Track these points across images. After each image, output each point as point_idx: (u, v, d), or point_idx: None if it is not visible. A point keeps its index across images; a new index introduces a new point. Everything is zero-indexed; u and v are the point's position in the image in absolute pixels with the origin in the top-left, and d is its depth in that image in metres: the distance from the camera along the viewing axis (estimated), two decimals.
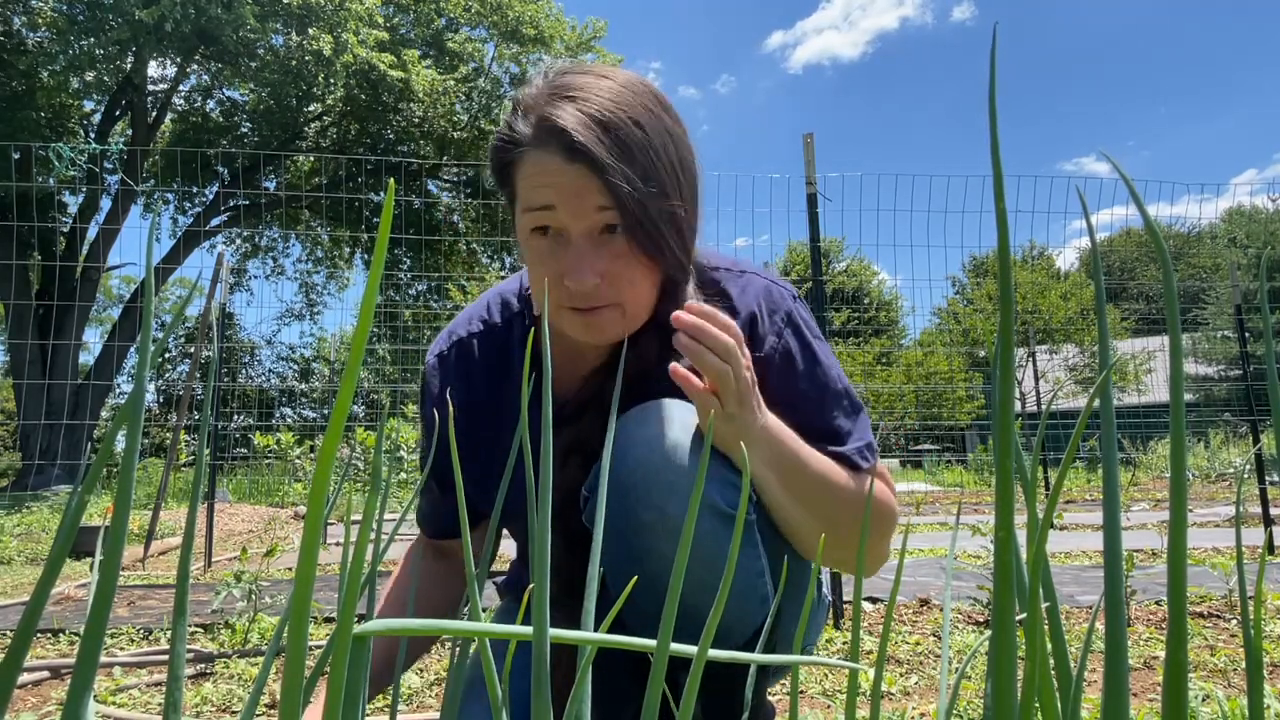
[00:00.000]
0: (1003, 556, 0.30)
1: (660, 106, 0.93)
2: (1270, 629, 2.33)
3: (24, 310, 12.99)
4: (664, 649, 0.34)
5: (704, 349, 0.83)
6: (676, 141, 0.93)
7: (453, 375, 1.09)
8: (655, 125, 0.90)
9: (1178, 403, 0.32)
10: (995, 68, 0.30)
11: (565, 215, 0.88)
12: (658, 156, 0.89)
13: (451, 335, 1.12)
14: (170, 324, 0.39)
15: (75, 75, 12.24)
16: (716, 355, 0.83)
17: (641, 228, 0.87)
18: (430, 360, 1.12)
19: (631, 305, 0.93)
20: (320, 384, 21.93)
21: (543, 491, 0.39)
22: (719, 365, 0.83)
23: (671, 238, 0.90)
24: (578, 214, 0.88)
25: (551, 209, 0.88)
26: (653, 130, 0.89)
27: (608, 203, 0.86)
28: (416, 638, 1.10)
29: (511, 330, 1.09)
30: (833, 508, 0.95)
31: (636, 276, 0.91)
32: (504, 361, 1.08)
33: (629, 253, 0.89)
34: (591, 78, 0.91)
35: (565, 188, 0.87)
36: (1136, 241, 28.76)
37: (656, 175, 0.88)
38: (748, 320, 0.99)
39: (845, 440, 0.98)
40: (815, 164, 3.07)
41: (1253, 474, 5.10)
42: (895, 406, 16.94)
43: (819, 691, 1.81)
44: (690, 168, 0.95)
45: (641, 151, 0.87)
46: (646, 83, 0.95)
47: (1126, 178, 0.34)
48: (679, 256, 0.92)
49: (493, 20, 15.87)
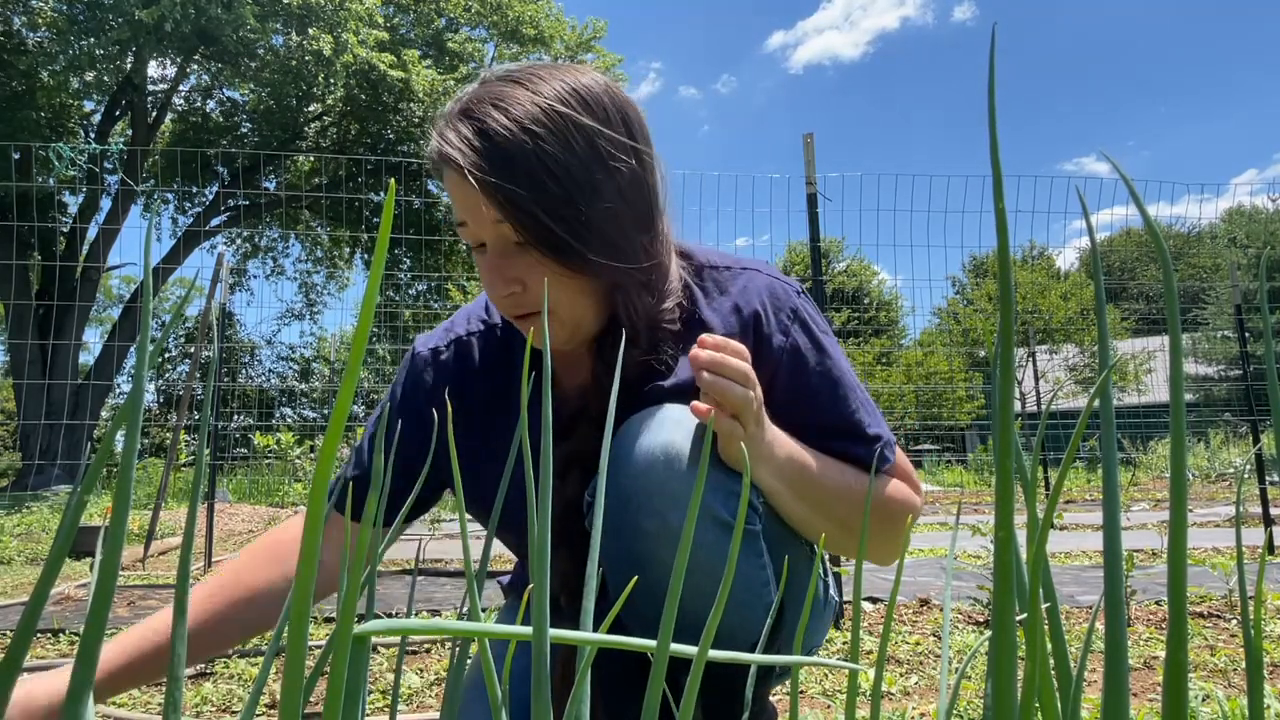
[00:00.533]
0: (1003, 556, 0.30)
1: (579, 104, 0.89)
2: (1270, 629, 2.33)
3: (24, 310, 12.98)
4: (664, 650, 0.34)
5: (727, 383, 0.82)
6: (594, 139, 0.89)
7: (449, 375, 1.07)
8: (559, 127, 0.87)
9: (1178, 403, 0.32)
10: (994, 68, 0.30)
11: (474, 228, 0.90)
12: (555, 162, 0.86)
13: (450, 331, 1.10)
14: (170, 324, 0.39)
15: (75, 75, 12.24)
16: (737, 384, 0.83)
17: (540, 239, 0.87)
18: (422, 351, 1.09)
19: (563, 312, 0.93)
20: (320, 384, 21.92)
21: (542, 492, 0.39)
22: (742, 394, 0.83)
23: (583, 243, 0.87)
24: (480, 228, 0.90)
25: (465, 224, 0.91)
26: (554, 134, 0.87)
27: (501, 216, 0.87)
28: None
29: (514, 333, 1.07)
30: (848, 510, 0.94)
31: (555, 284, 0.90)
32: (506, 365, 1.06)
33: (542, 262, 0.89)
34: (502, 85, 0.90)
35: (464, 203, 0.89)
36: (1136, 241, 28.76)
37: (554, 182, 0.86)
38: (751, 318, 0.98)
39: (866, 432, 0.98)
40: (815, 164, 3.07)
41: (1253, 474, 5.10)
42: (895, 406, 16.93)
43: (819, 691, 1.81)
44: (621, 163, 0.91)
45: (529, 162, 0.85)
46: (574, 81, 0.91)
47: (1126, 178, 0.34)
48: (599, 261, 0.89)
49: (493, 20, 15.87)
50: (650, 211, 0.95)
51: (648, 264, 0.93)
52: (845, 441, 0.98)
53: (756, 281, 1.01)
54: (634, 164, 0.92)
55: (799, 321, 0.99)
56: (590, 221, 0.88)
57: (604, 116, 0.91)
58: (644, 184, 0.94)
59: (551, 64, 0.96)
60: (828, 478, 0.93)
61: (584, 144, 0.88)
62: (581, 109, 0.89)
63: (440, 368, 1.08)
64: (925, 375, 16.68)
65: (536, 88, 0.89)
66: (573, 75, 0.93)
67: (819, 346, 0.99)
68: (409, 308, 11.92)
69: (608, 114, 0.91)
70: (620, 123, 0.92)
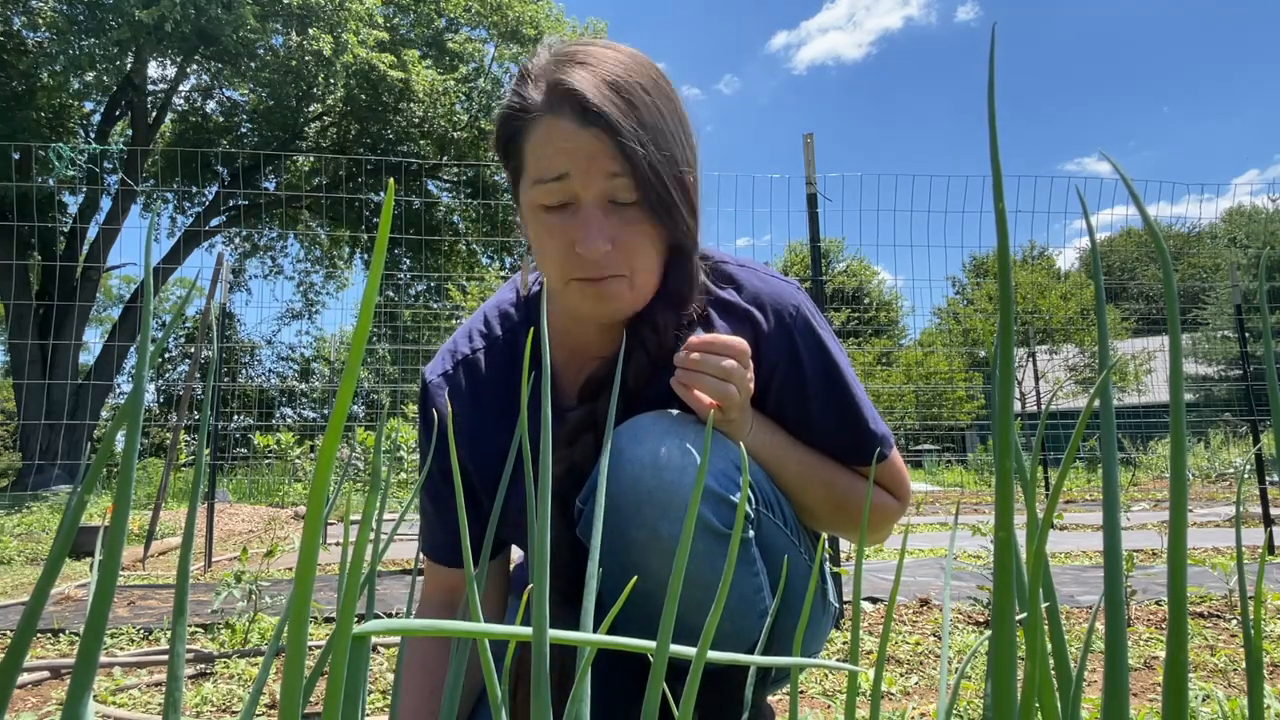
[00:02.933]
0: (1003, 557, 0.30)
1: (662, 77, 0.94)
2: (1270, 629, 2.33)
3: (24, 310, 12.98)
4: (664, 650, 0.34)
5: (700, 376, 0.87)
6: (679, 111, 0.93)
7: (464, 398, 1.05)
8: (661, 92, 0.91)
9: (1178, 403, 0.32)
10: (994, 68, 0.30)
11: (577, 182, 0.87)
12: (666, 122, 0.89)
13: (455, 354, 1.07)
14: (170, 324, 0.39)
15: (75, 75, 12.22)
16: (715, 378, 0.87)
17: (655, 192, 0.87)
18: (433, 379, 1.07)
19: (640, 275, 0.92)
20: (320, 384, 21.92)
21: (542, 494, 0.39)
22: (719, 387, 0.87)
23: (682, 204, 0.90)
24: (590, 179, 0.87)
25: (563, 178, 0.87)
26: (660, 97, 0.90)
27: (620, 169, 0.86)
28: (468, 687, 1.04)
29: (516, 343, 1.06)
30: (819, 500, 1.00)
31: (645, 245, 0.91)
32: (513, 375, 1.05)
33: (639, 220, 0.89)
34: (598, 48, 0.92)
35: (578, 152, 0.86)
36: (1137, 241, 28.75)
37: (666, 141, 0.88)
38: (755, 314, 0.99)
39: (865, 427, 1.01)
40: (815, 164, 3.07)
41: (1253, 474, 5.10)
42: (895, 406, 16.92)
43: (819, 691, 1.81)
44: (692, 137, 0.95)
45: (652, 116, 0.88)
46: (646, 56, 0.95)
47: (1126, 178, 0.34)
48: (688, 222, 0.92)
49: (493, 20, 15.87)
50: (699, 188, 0.98)
51: (697, 228, 0.97)
52: (843, 435, 1.00)
53: (757, 278, 1.03)
54: (695, 142, 0.96)
55: (800, 318, 1.00)
56: (683, 181, 0.91)
57: (675, 90, 0.95)
58: (698, 161, 0.97)
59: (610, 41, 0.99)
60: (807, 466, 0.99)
61: (676, 113, 0.92)
62: (666, 81, 0.94)
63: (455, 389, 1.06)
64: (925, 375, 16.67)
65: (624, 58, 0.91)
66: (638, 51, 0.96)
67: (820, 344, 1.00)
68: (409, 308, 11.93)
69: (675, 90, 0.96)
70: (680, 102, 0.96)
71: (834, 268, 28.14)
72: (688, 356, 0.89)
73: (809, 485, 0.98)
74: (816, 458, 1.00)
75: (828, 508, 1.00)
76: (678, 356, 0.89)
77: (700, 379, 0.88)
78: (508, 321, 1.08)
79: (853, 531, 1.04)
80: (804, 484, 0.98)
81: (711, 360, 0.88)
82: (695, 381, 0.88)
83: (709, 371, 0.88)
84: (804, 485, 0.98)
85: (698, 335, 0.90)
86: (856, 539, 1.08)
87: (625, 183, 0.86)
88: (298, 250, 18.76)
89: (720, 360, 0.88)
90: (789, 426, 0.99)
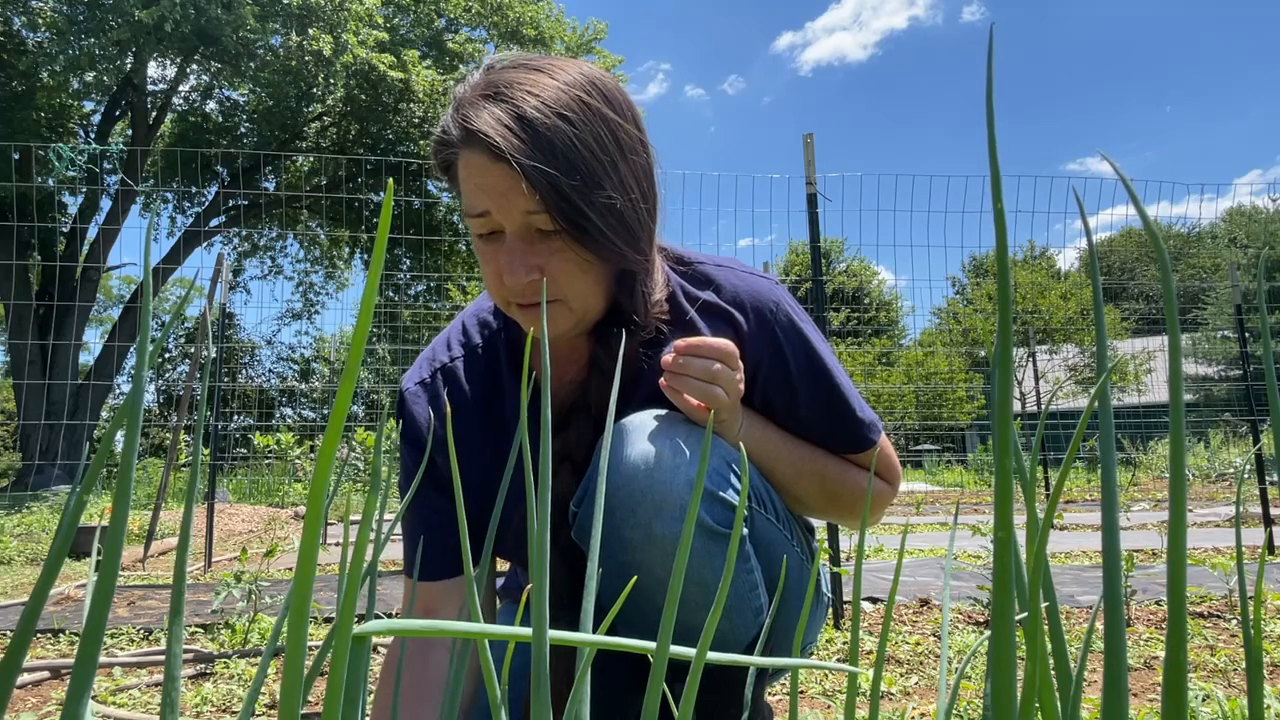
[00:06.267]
0: (1002, 557, 0.30)
1: (600, 96, 0.90)
2: (1270, 629, 2.33)
3: (24, 310, 12.98)
4: (663, 651, 0.34)
5: (687, 379, 0.89)
6: (616, 131, 0.90)
7: (442, 404, 1.04)
8: (588, 117, 0.87)
9: (1177, 403, 0.32)
10: (993, 68, 0.30)
11: (497, 216, 0.88)
12: (589, 150, 0.86)
13: (433, 361, 1.07)
14: (169, 324, 0.39)
15: (75, 75, 12.22)
16: (701, 380, 0.89)
17: (575, 223, 0.86)
18: (410, 387, 1.06)
19: (576, 300, 0.92)
20: (320, 384, 21.92)
21: (541, 495, 0.39)
22: (705, 389, 0.89)
23: (612, 231, 0.88)
24: (507, 214, 0.87)
25: (486, 214, 0.88)
26: (584, 122, 0.87)
27: (534, 206, 0.85)
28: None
29: (496, 350, 1.06)
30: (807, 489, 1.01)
31: (574, 271, 0.90)
32: (494, 381, 1.05)
33: (564, 248, 0.88)
34: (523, 72, 0.89)
35: (493, 189, 0.86)
36: (1137, 241, 28.74)
37: (587, 169, 0.86)
38: (735, 311, 1.00)
39: (858, 412, 1.02)
40: (815, 164, 3.07)
41: (1253, 474, 5.10)
42: (895, 406, 16.93)
43: (819, 691, 1.81)
44: (638, 156, 0.92)
45: (568, 148, 0.85)
46: (588, 72, 0.92)
47: (1125, 179, 0.34)
48: (622, 249, 0.90)
49: (493, 21, 15.86)
50: (655, 203, 0.96)
51: (650, 254, 0.96)
52: (832, 425, 1.01)
53: (735, 276, 1.03)
54: (645, 156, 0.94)
55: (782, 313, 1.01)
56: (616, 210, 0.89)
57: (619, 109, 0.92)
58: (651, 176, 0.96)
59: (558, 56, 0.96)
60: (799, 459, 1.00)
61: (609, 134, 0.89)
62: (602, 100, 0.90)
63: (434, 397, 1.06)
64: (925, 375, 16.68)
65: (558, 76, 0.89)
66: (586, 67, 0.93)
67: (802, 337, 1.01)
68: (409, 308, 11.92)
69: (621, 107, 0.92)
70: (631, 117, 0.93)
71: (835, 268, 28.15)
72: (674, 360, 0.89)
73: (801, 477, 1.00)
74: (807, 449, 1.01)
75: (821, 498, 1.01)
76: (664, 360, 0.90)
77: (687, 383, 0.89)
78: (487, 330, 1.08)
79: (845, 518, 1.06)
80: (797, 476, 0.99)
81: (697, 364, 0.89)
82: (682, 385, 0.89)
83: (695, 375, 0.89)
84: (797, 477, 0.99)
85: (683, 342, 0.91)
86: (849, 524, 1.10)
87: (543, 216, 0.86)
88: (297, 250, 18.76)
89: (707, 364, 0.89)
90: (777, 420, 1.00)
